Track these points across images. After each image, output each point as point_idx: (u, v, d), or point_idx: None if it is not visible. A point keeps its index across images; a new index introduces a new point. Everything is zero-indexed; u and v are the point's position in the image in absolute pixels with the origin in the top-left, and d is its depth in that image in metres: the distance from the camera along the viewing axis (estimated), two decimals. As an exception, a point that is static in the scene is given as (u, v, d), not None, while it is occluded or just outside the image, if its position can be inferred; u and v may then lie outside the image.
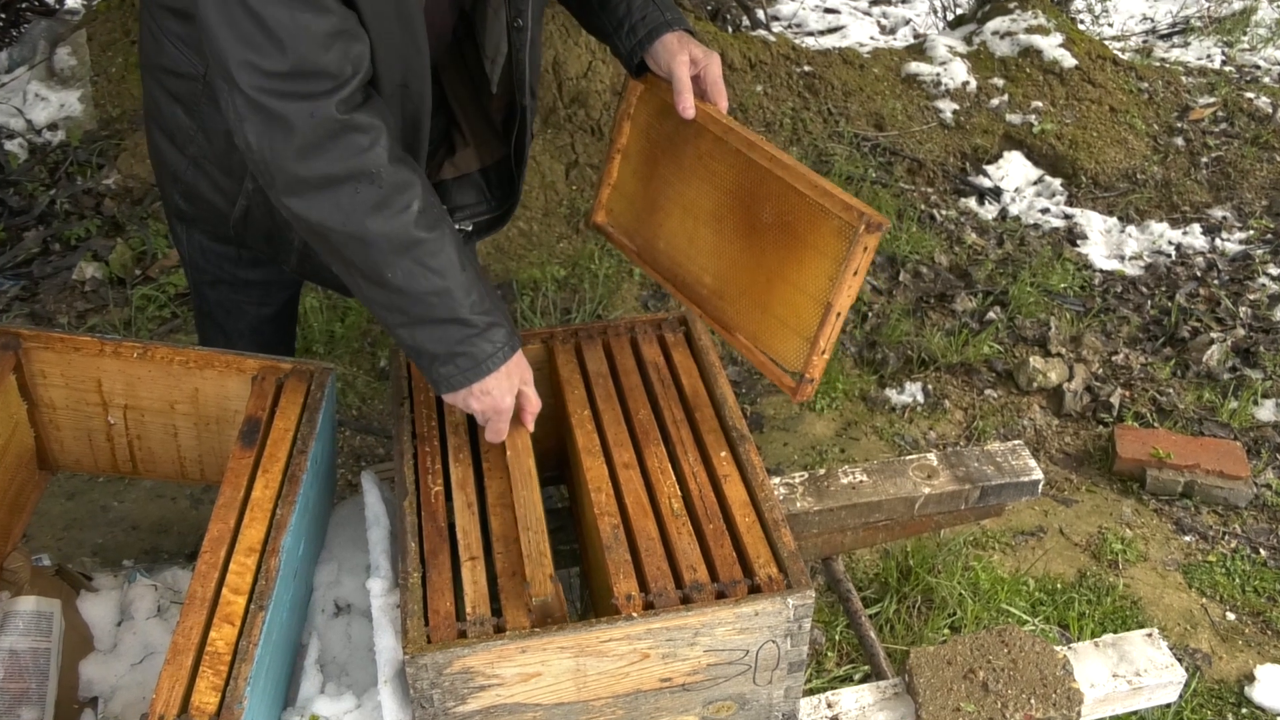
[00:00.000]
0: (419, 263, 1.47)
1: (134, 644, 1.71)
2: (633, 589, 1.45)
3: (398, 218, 1.45)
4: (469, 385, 1.56)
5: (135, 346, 1.71)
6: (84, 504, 2.70)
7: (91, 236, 3.59)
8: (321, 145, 1.41)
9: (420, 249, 1.47)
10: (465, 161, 1.89)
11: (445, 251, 1.49)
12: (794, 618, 1.46)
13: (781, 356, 1.64)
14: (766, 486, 1.61)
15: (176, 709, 1.30)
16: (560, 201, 3.92)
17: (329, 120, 1.39)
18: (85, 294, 3.39)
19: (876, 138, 4.50)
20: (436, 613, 1.41)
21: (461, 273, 1.50)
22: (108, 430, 1.80)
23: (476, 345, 1.54)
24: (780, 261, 1.61)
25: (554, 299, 3.44)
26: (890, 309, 3.62)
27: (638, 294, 3.62)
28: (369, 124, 1.43)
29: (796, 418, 3.17)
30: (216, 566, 1.45)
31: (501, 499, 1.58)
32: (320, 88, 1.39)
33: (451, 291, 1.50)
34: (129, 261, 3.49)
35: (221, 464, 1.82)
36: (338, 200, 1.44)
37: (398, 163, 1.46)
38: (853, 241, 1.51)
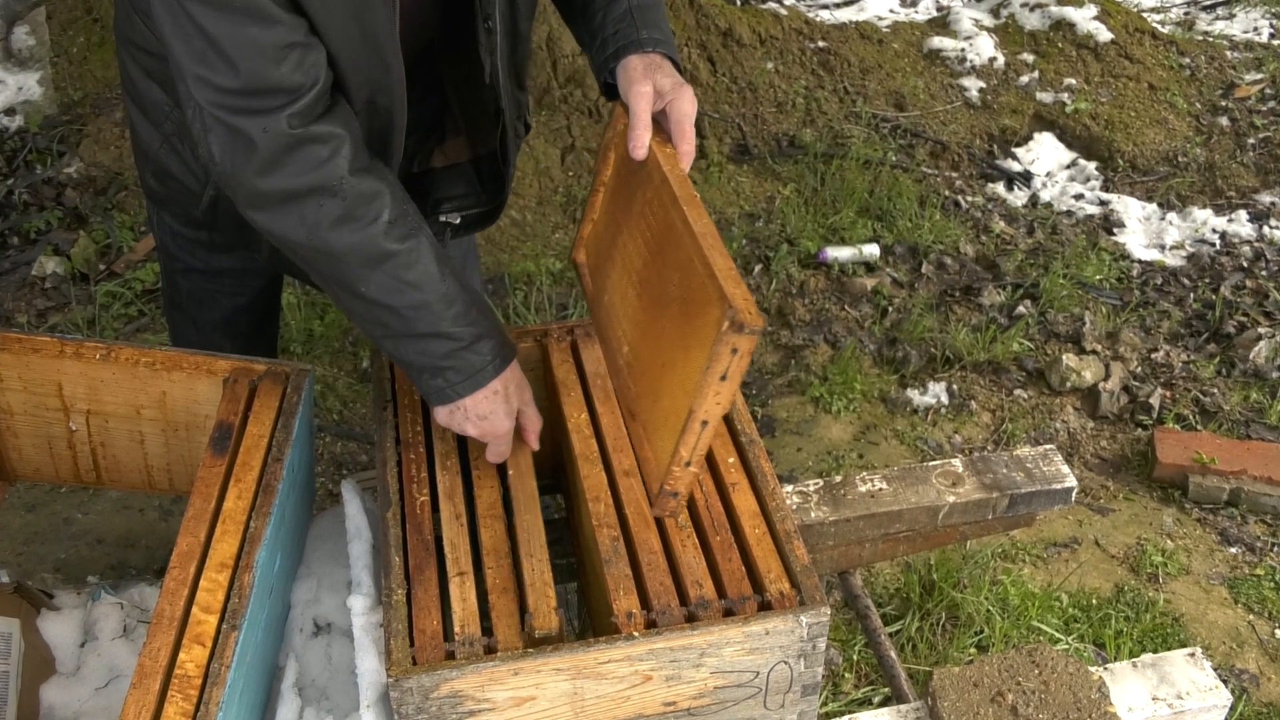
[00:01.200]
0: (393, 276, 1.49)
1: (98, 666, 1.72)
2: (634, 606, 1.45)
3: (364, 230, 1.47)
4: (462, 399, 1.57)
5: (98, 347, 1.72)
6: (45, 516, 2.71)
7: (52, 229, 3.60)
8: (279, 160, 1.43)
9: (393, 262, 1.48)
10: (456, 150, 1.90)
11: (421, 263, 1.50)
12: (808, 637, 1.46)
13: (659, 456, 1.51)
14: (778, 495, 1.61)
15: (143, 736, 1.30)
16: (555, 189, 3.92)
17: (282, 135, 1.42)
18: (45, 291, 3.40)
19: (897, 118, 4.50)
20: (422, 632, 1.42)
21: (440, 283, 1.51)
22: (69, 437, 1.80)
23: (464, 359, 1.55)
24: (672, 345, 1.49)
25: (549, 294, 3.45)
26: (912, 303, 3.62)
27: (640, 288, 3.62)
28: (328, 134, 1.45)
29: (811, 421, 3.17)
30: (186, 583, 1.45)
31: (491, 510, 1.59)
32: (274, 103, 1.41)
33: (430, 305, 1.51)
34: (92, 256, 3.50)
35: (191, 473, 1.83)
36: (301, 215, 1.46)
37: (361, 173, 1.47)
38: (717, 339, 1.35)
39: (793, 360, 3.40)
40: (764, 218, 3.97)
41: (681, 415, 1.44)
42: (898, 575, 2.63)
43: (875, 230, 3.93)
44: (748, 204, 4.04)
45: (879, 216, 3.99)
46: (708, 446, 1.44)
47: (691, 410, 1.39)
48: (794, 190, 4.11)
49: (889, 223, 3.96)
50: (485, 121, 1.85)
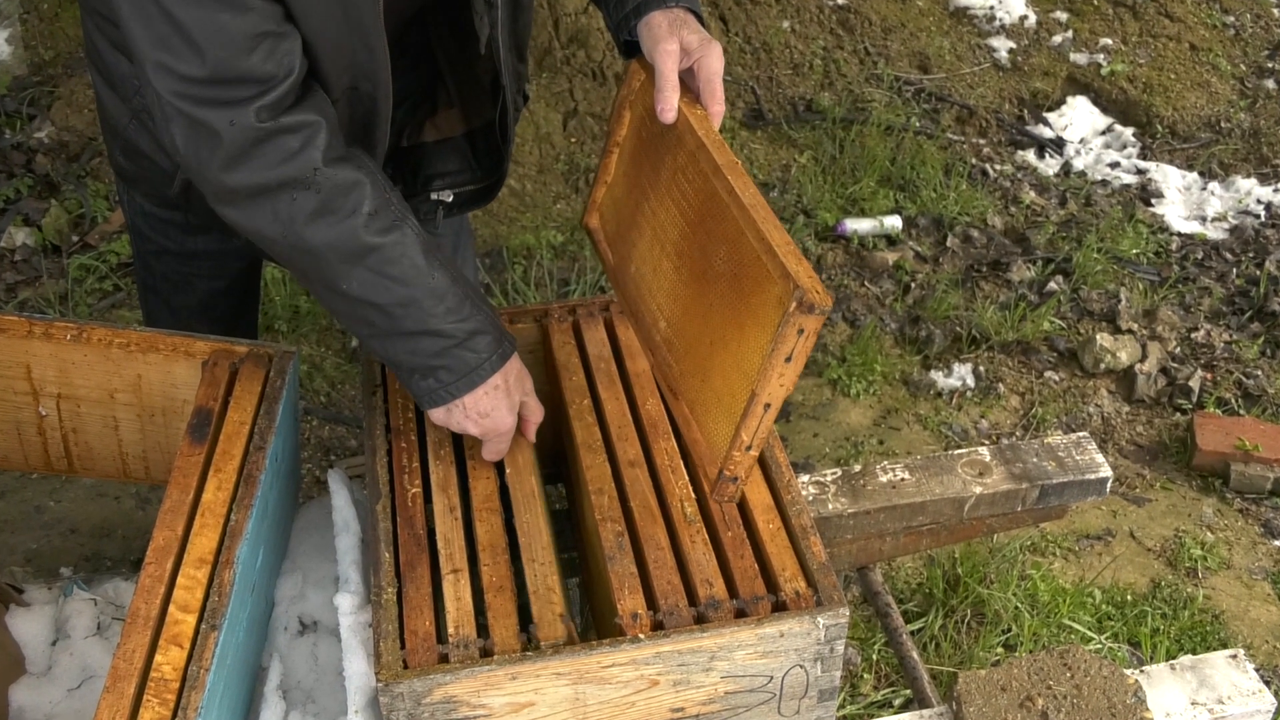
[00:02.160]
0: (376, 271, 1.47)
1: (71, 666, 1.71)
2: (639, 606, 1.44)
3: (343, 224, 1.45)
4: (456, 399, 1.56)
5: (69, 327, 1.71)
6: (15, 504, 2.71)
7: (22, 198, 3.58)
8: (248, 154, 1.41)
9: (375, 256, 1.47)
10: (449, 123, 1.88)
11: (406, 257, 1.48)
12: (825, 639, 1.45)
13: (711, 439, 1.50)
14: (793, 487, 1.60)
15: (117, 744, 1.29)
16: (557, 156, 3.90)
17: (250, 129, 1.39)
18: (15, 264, 3.39)
19: (921, 81, 4.47)
20: (414, 633, 1.41)
21: (428, 277, 1.50)
22: (39, 423, 1.79)
23: (457, 357, 1.53)
24: (724, 323, 1.47)
25: (550, 269, 3.43)
26: (936, 279, 3.60)
27: (646, 262, 3.60)
28: (300, 123, 1.43)
29: (828, 405, 3.16)
30: (162, 580, 1.45)
31: (488, 503, 1.58)
32: (242, 94, 1.38)
33: (418, 301, 1.49)
34: (65, 227, 3.49)
35: (168, 461, 1.82)
36: (275, 209, 1.44)
37: (338, 163, 1.45)
38: (783, 320, 1.34)
39: (809, 340, 3.39)
40: (779, 187, 3.95)
41: (738, 396, 1.43)
42: (920, 570, 2.62)
43: (897, 201, 3.90)
44: (761, 173, 4.02)
45: (901, 186, 3.97)
46: (769, 429, 1.43)
47: (754, 393, 1.38)
48: (811, 158, 4.08)
49: (912, 193, 3.94)
50: (480, 92, 1.83)
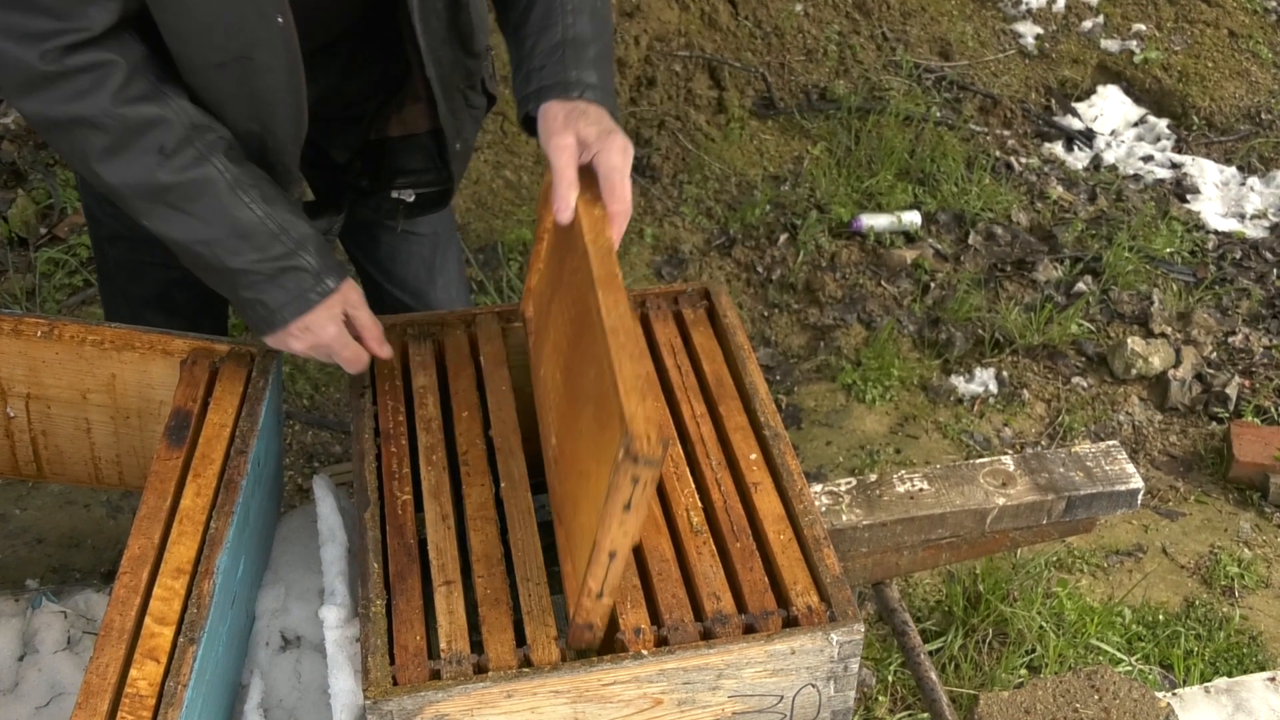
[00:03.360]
0: (175, 208, 1.54)
1: (39, 683, 1.72)
2: (643, 621, 1.45)
3: (136, 163, 1.51)
4: (271, 332, 1.64)
5: (39, 323, 1.72)
6: (-22, 512, 2.72)
7: (-14, 187, 3.60)
8: (38, 86, 1.48)
9: (173, 194, 1.53)
10: (414, 119, 1.91)
11: (206, 196, 1.54)
12: (838, 657, 1.46)
13: (575, 574, 1.45)
14: (806, 496, 1.61)
15: (90, 763, 1.30)
16: (555, 146, 3.91)
17: (31, 70, 1.45)
18: (-21, 256, 3.40)
19: (942, 68, 4.48)
20: (404, 648, 1.42)
21: (233, 216, 1.56)
22: (6, 424, 1.80)
23: (266, 293, 1.61)
24: (588, 452, 1.42)
25: (548, 265, 3.44)
26: (957, 278, 3.61)
27: (649, 259, 3.62)
28: (92, 63, 1.47)
29: (842, 411, 3.17)
30: (138, 591, 1.46)
31: (482, 510, 1.59)
32: (37, 27, 1.44)
33: (221, 240, 1.56)
34: (32, 218, 3.50)
35: (143, 465, 1.83)
36: (70, 143, 1.53)
37: (136, 102, 1.50)
38: (614, 466, 1.27)
39: (822, 342, 3.40)
40: (791, 180, 3.96)
41: (586, 536, 1.39)
42: (939, 586, 2.63)
43: (916, 195, 3.91)
44: (772, 165, 4.03)
45: (920, 180, 3.98)
46: (620, 578, 1.37)
47: (596, 540, 1.33)
48: (825, 150, 4.09)
49: (932, 187, 3.94)
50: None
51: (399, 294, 2.17)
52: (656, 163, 3.93)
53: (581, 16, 1.66)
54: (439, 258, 2.16)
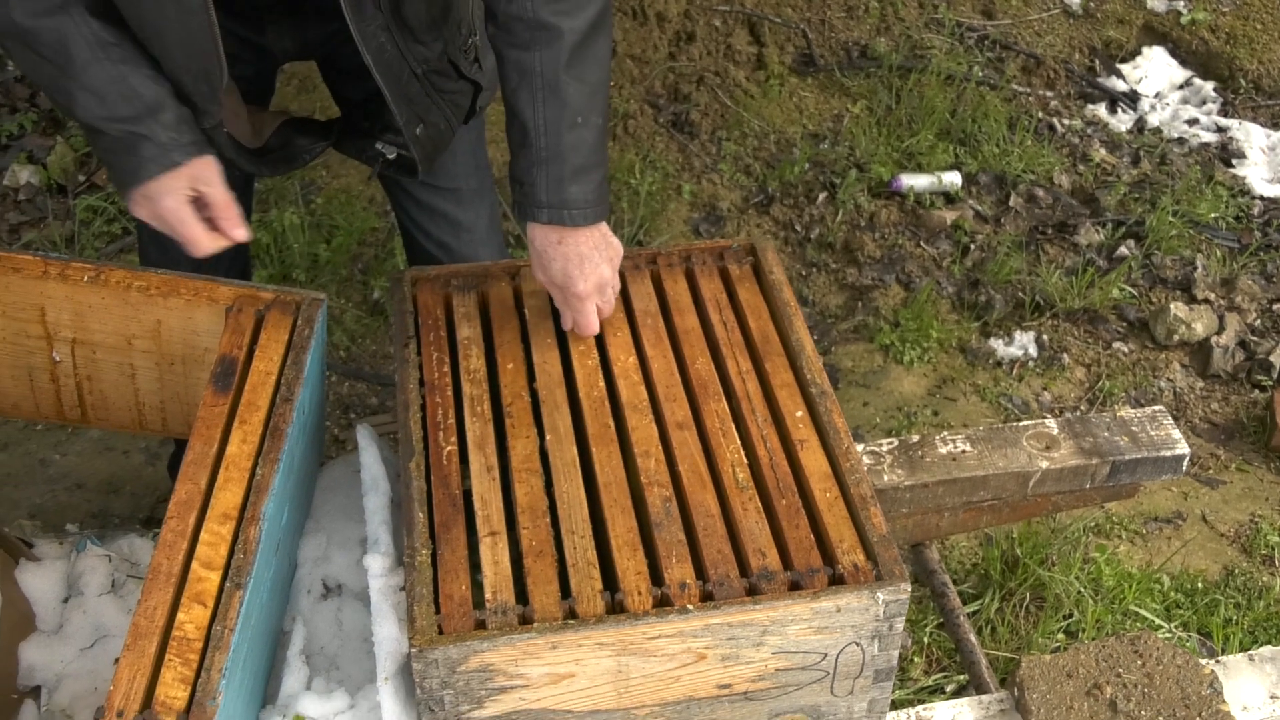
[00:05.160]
0: (32, 53, 1.58)
1: (83, 625, 1.74)
2: (688, 575, 1.45)
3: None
4: (121, 195, 1.67)
5: (86, 268, 1.72)
6: (19, 457, 2.73)
7: (26, 134, 3.60)
8: None
9: (29, 38, 1.56)
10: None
11: (60, 44, 1.56)
12: (884, 616, 1.46)
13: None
14: (853, 455, 1.60)
15: (139, 703, 1.31)
16: (594, 100, 3.88)
17: None
18: (19, 204, 3.41)
19: (984, 27, 4.42)
20: (450, 598, 1.42)
21: (84, 72, 1.57)
22: (52, 369, 1.81)
23: (114, 154, 1.63)
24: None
25: (585, 220, 3.43)
26: (997, 240, 3.58)
27: (686, 216, 3.60)
28: None
29: (880, 372, 3.15)
30: (185, 535, 1.46)
31: (527, 463, 1.59)
32: None
33: (72, 92, 1.59)
34: (71, 165, 3.50)
35: (187, 412, 1.84)
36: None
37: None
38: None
39: (860, 302, 3.38)
40: (830, 139, 3.93)
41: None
42: (975, 550, 2.62)
43: (957, 156, 3.87)
44: (812, 123, 4.00)
45: (961, 140, 3.93)
46: None
47: None
48: (865, 108, 4.05)
49: (973, 148, 3.90)
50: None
51: (425, 243, 2.16)
52: (695, 119, 3.90)
53: (555, 133, 1.65)
54: (465, 213, 2.14)
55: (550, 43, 1.61)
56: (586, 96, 1.65)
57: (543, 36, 1.61)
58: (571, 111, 1.64)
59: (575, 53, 1.63)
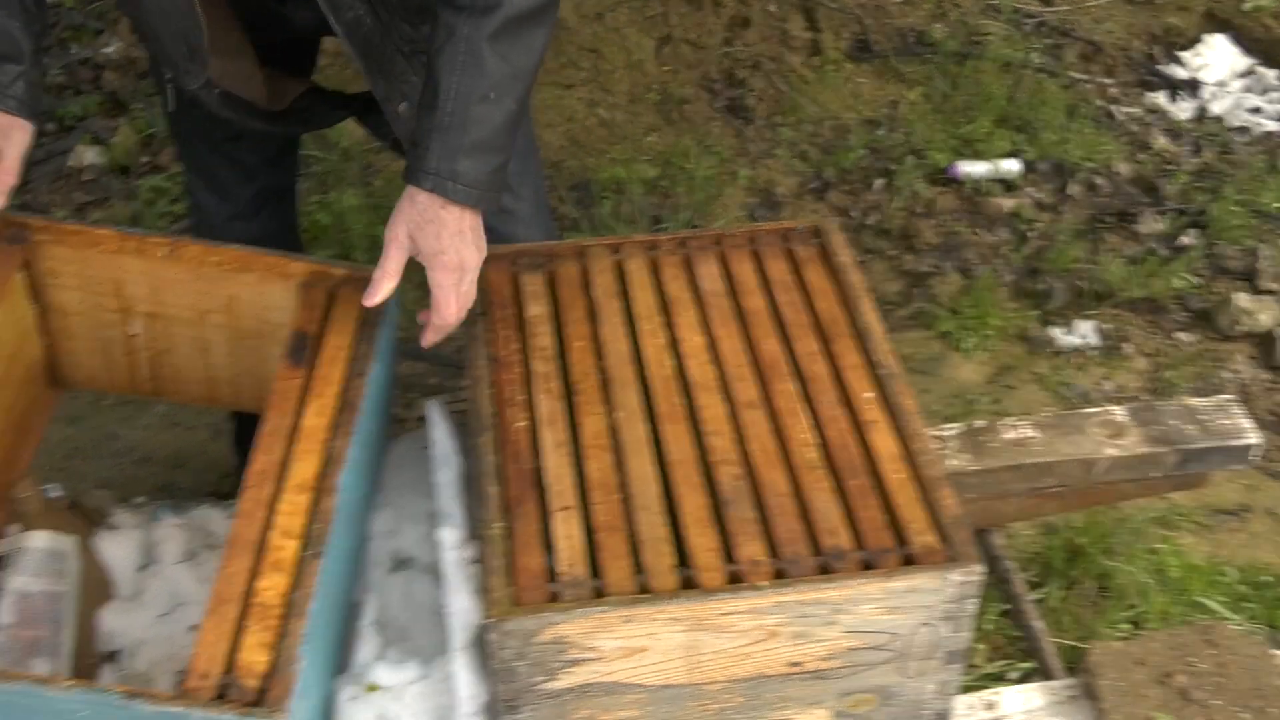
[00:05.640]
0: None
1: (160, 592, 1.77)
2: (759, 553, 1.46)
3: None
4: None
5: (162, 243, 1.75)
6: (88, 430, 2.78)
7: (90, 116, 3.65)
8: None
9: None
10: None
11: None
12: (957, 597, 1.46)
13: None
14: (923, 437, 1.60)
15: (221, 667, 1.34)
16: (649, 85, 3.89)
17: None
18: (84, 184, 3.46)
19: (1042, 14, 4.39)
20: (524, 571, 1.44)
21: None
22: (127, 342, 1.84)
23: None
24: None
25: (641, 204, 3.44)
26: (1057, 228, 3.56)
27: (742, 201, 3.60)
28: None
29: (939, 359, 3.14)
30: (263, 505, 1.49)
31: (598, 440, 1.60)
32: None
33: None
34: (134, 146, 3.55)
35: (258, 386, 1.86)
36: None
37: None
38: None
39: (917, 289, 3.37)
40: (887, 125, 3.91)
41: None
42: (1036, 538, 2.61)
43: (1015, 143, 3.84)
44: (868, 109, 3.98)
45: (1020, 127, 3.90)
46: None
47: None
48: (921, 94, 4.03)
49: (1031, 135, 3.87)
50: None
51: None
52: (751, 104, 3.89)
53: (464, 101, 1.59)
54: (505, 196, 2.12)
55: (485, 11, 1.57)
56: (507, 76, 1.60)
57: (480, 3, 1.57)
58: (486, 84, 1.58)
59: (506, 28, 1.58)
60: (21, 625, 1.64)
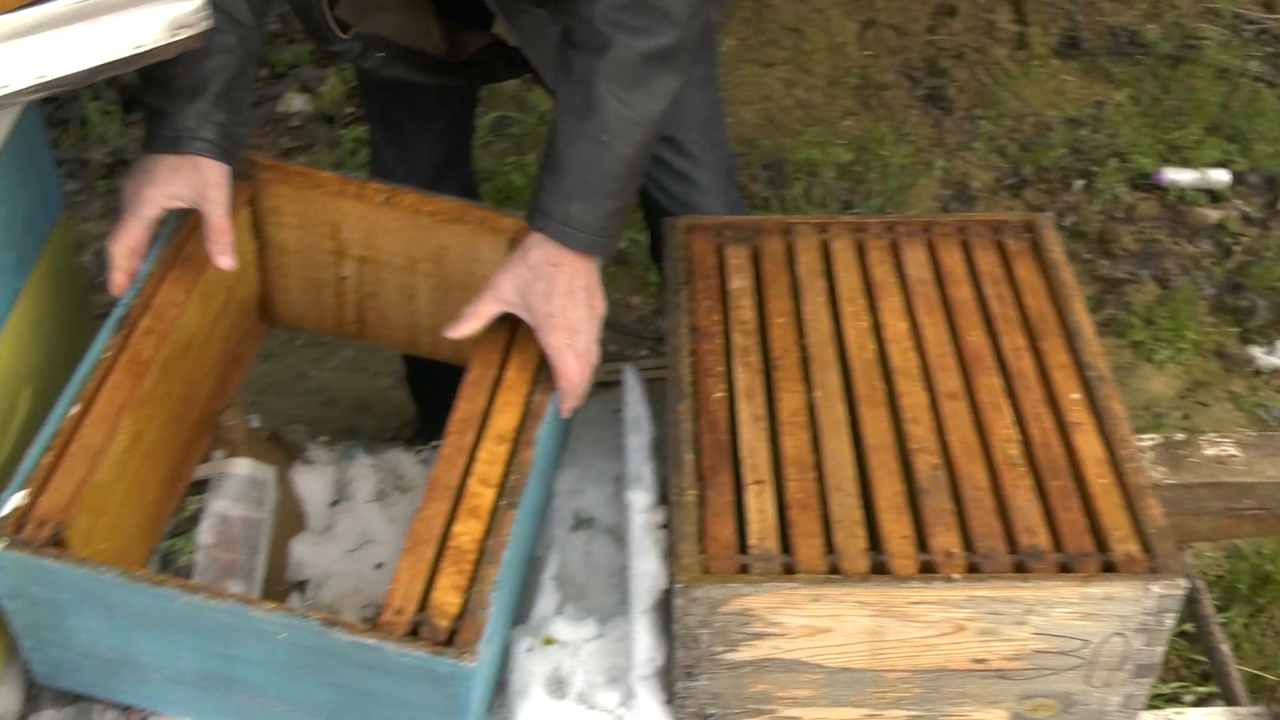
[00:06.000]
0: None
1: (350, 528, 1.83)
2: (954, 545, 1.44)
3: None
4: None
5: (381, 189, 1.79)
6: (281, 367, 2.89)
7: (301, 64, 3.77)
8: None
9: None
10: None
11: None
12: (1156, 610, 1.42)
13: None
14: (1130, 443, 1.56)
15: (415, 605, 1.37)
16: (849, 69, 3.85)
17: None
18: (290, 130, 3.58)
19: (1264, 20, 4.21)
20: (715, 539, 1.44)
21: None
22: (338, 284, 1.90)
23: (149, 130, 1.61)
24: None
25: (833, 188, 3.41)
26: (1264, 244, 3.42)
27: (935, 193, 3.54)
28: None
29: (1128, 369, 3.05)
30: (464, 451, 1.52)
31: (795, 417, 1.59)
32: None
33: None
34: (340, 97, 3.66)
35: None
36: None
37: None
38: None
39: (1110, 295, 3.28)
40: (1091, 125, 3.80)
41: None
42: (1220, 560, 2.52)
43: (1226, 153, 3.70)
44: (1072, 107, 3.88)
45: (1232, 137, 3.76)
46: None
47: None
48: (1129, 96, 3.91)
49: (1244, 145, 3.72)
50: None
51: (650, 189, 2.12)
52: (951, 95, 3.83)
53: (574, 140, 1.54)
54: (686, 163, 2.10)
55: (599, 50, 1.52)
56: (624, 120, 1.52)
57: (595, 41, 1.52)
58: (597, 126, 1.52)
59: (625, 70, 1.52)
60: (219, 547, 1.71)
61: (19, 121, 1.60)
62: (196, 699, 1.52)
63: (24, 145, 1.63)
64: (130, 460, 1.56)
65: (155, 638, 1.44)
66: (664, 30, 1.53)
